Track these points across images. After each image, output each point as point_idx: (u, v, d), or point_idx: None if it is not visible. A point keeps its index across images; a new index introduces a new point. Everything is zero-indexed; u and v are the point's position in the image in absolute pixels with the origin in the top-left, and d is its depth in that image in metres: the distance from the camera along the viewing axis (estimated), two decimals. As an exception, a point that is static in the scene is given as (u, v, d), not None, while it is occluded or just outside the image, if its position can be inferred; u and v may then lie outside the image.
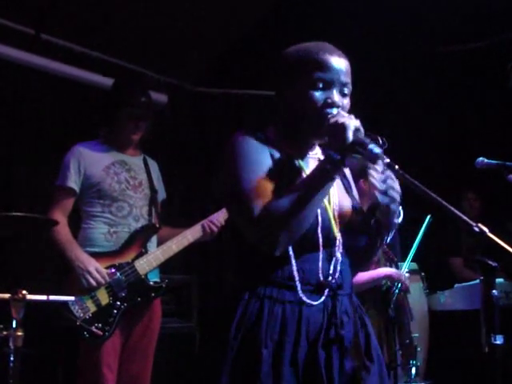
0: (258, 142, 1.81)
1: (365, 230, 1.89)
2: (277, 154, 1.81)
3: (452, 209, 2.22)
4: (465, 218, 2.17)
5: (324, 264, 1.79)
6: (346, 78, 1.81)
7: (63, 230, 3.19)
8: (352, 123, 1.66)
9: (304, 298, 1.74)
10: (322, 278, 1.78)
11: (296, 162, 1.85)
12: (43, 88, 4.38)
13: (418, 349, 3.71)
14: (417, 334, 3.78)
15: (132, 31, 4.50)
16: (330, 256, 1.81)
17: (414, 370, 3.57)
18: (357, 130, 1.65)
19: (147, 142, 3.52)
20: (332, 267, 1.80)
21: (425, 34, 4.72)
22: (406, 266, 3.79)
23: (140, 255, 3.25)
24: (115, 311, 3.11)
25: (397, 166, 1.63)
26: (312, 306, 1.75)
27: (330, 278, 1.78)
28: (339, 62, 1.80)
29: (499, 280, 4.11)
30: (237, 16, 4.62)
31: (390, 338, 3.32)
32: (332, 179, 1.69)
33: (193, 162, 5.24)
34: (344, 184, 1.97)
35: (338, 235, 1.84)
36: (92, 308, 3.08)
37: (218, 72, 5.27)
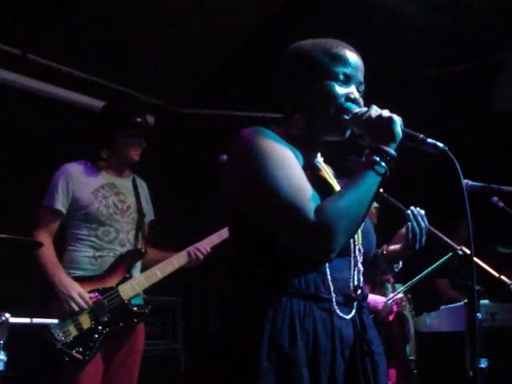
0: (275, 136, 1.67)
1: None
2: (295, 151, 1.67)
3: (436, 232, 2.24)
4: (449, 241, 2.19)
5: (352, 273, 1.70)
6: (362, 76, 1.76)
7: (48, 252, 3.17)
8: (397, 118, 1.61)
9: (337, 311, 1.63)
10: (352, 288, 1.68)
11: (314, 162, 1.77)
12: (29, 108, 4.37)
13: (415, 371, 3.68)
14: (413, 357, 3.75)
15: (119, 53, 4.52)
16: (354, 265, 1.71)
17: None
18: (400, 126, 1.61)
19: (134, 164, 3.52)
20: (356, 277, 1.71)
21: (409, 58, 4.77)
22: (402, 290, 3.77)
23: (124, 280, 3.23)
24: (96, 336, 3.08)
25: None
26: (343, 319, 1.64)
27: (357, 288, 1.69)
28: (357, 59, 1.75)
29: (485, 302, 4.13)
30: (223, 38, 4.65)
31: None
32: (380, 172, 1.58)
33: (179, 184, 5.24)
34: None
35: (361, 242, 1.73)
36: (73, 332, 3.05)
37: (204, 94, 5.29)
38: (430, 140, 1.61)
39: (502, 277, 1.99)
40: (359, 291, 1.69)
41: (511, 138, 5.34)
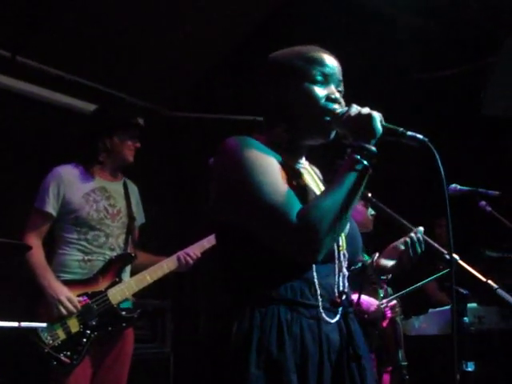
0: (258, 143, 1.69)
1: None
2: (278, 157, 1.70)
3: (424, 236, 2.25)
4: (436, 245, 2.20)
5: (337, 279, 1.72)
6: (341, 76, 1.79)
7: (38, 255, 3.16)
8: (377, 114, 1.62)
9: (324, 315, 1.65)
10: (337, 294, 1.70)
11: (296, 167, 1.78)
12: (18, 111, 4.35)
13: (407, 377, 3.69)
14: (405, 363, 3.76)
15: (109, 56, 4.51)
16: (339, 270, 1.73)
17: None
18: (381, 121, 1.62)
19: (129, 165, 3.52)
20: (341, 282, 1.73)
21: (399, 62, 4.79)
22: (396, 296, 3.77)
23: (113, 284, 3.23)
24: (85, 340, 3.07)
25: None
26: (329, 324, 1.66)
27: (343, 293, 1.71)
28: (333, 60, 1.78)
29: (472, 305, 4.14)
30: (213, 42, 4.66)
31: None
32: (362, 170, 1.59)
33: (169, 187, 5.24)
34: None
35: (345, 247, 1.75)
36: (61, 336, 3.05)
37: (194, 97, 5.29)
38: (409, 132, 1.62)
39: (489, 281, 2.00)
40: (344, 296, 1.71)
41: (500, 142, 5.38)
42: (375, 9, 4.50)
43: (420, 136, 1.60)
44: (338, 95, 1.73)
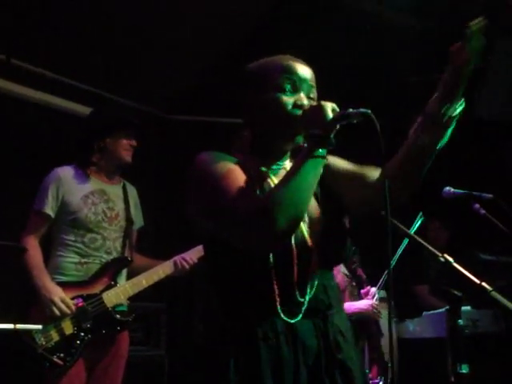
0: (223, 154, 1.80)
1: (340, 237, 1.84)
2: (243, 165, 1.77)
3: (418, 238, 2.26)
4: (431, 248, 2.21)
5: (300, 280, 1.71)
6: (312, 82, 1.83)
7: (35, 255, 3.16)
8: (328, 104, 1.66)
9: (282, 315, 1.68)
10: (298, 296, 1.71)
11: (264, 170, 1.82)
12: (12, 113, 4.35)
13: (389, 364, 3.73)
14: (385, 352, 3.82)
15: (104, 58, 4.51)
16: (306, 271, 1.73)
17: None
18: (334, 110, 1.65)
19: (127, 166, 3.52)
20: (309, 282, 1.73)
21: (393, 64, 4.80)
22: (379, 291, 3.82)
23: (109, 287, 3.22)
24: (78, 342, 3.07)
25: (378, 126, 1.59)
26: (298, 325, 1.68)
27: (309, 295, 1.72)
28: (304, 68, 1.83)
29: (466, 308, 4.16)
30: (208, 45, 4.66)
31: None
32: (318, 157, 1.64)
33: (163, 190, 5.23)
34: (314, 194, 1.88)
35: (313, 247, 1.75)
36: (55, 337, 3.04)
37: (190, 100, 5.29)
38: (351, 109, 1.63)
39: (483, 283, 2.01)
40: (319, 296, 1.73)
41: (494, 145, 5.40)
42: (372, 11, 4.52)
43: (362, 109, 1.62)
44: (305, 102, 1.77)
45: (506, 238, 3.89)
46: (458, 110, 1.70)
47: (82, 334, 3.09)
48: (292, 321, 1.68)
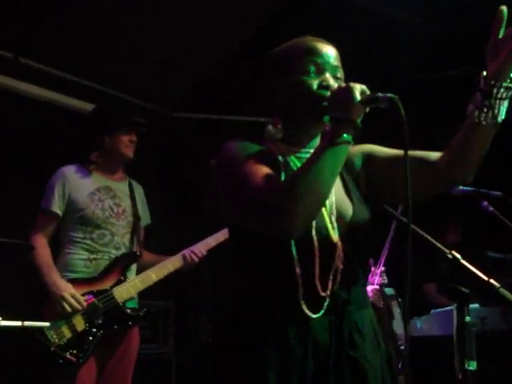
0: (248, 142, 1.76)
1: (368, 238, 1.78)
2: (269, 152, 1.75)
3: (426, 235, 2.25)
4: (439, 245, 2.21)
5: (323, 274, 1.67)
6: (337, 62, 1.77)
7: (44, 254, 3.19)
8: (357, 85, 1.60)
9: (306, 311, 1.64)
10: (320, 289, 1.66)
11: (289, 160, 1.77)
12: (21, 112, 4.37)
13: (402, 347, 3.75)
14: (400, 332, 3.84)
15: (111, 56, 4.52)
16: (329, 265, 1.68)
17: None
18: (363, 92, 1.59)
19: (127, 167, 3.53)
20: (331, 277, 1.68)
21: (394, 62, 4.80)
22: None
23: (119, 283, 3.23)
24: (91, 338, 3.08)
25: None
26: (312, 319, 1.64)
27: (331, 289, 1.67)
28: (327, 48, 1.78)
29: (474, 306, 4.15)
30: (215, 43, 4.67)
31: None
32: (343, 142, 1.56)
33: (172, 187, 5.25)
34: (345, 185, 1.83)
35: (338, 241, 1.70)
36: (67, 334, 3.05)
37: (196, 98, 5.30)
38: (380, 94, 1.58)
39: (491, 280, 2.00)
40: (333, 291, 1.68)
41: (502, 142, 5.38)
42: (375, 9, 4.51)
43: (390, 94, 1.57)
44: (331, 82, 1.71)
45: (514, 236, 3.88)
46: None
47: (94, 329, 3.10)
48: (314, 316, 1.64)
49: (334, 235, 1.70)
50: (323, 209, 1.70)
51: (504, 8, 1.60)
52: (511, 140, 5.31)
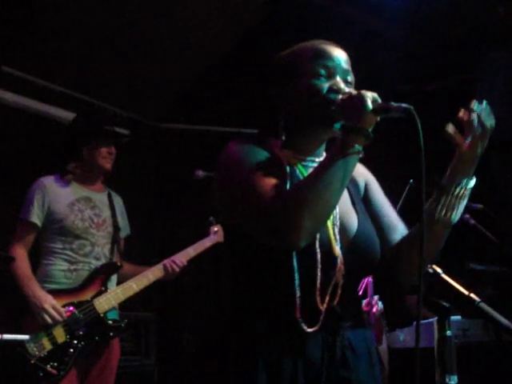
0: (255, 146, 1.68)
1: (373, 249, 1.69)
2: (275, 159, 1.67)
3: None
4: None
5: (322, 287, 1.60)
6: (348, 66, 1.72)
7: (23, 265, 3.16)
8: (369, 93, 1.53)
9: (301, 325, 1.57)
10: (319, 302, 1.59)
11: (295, 168, 1.71)
12: (3, 121, 4.34)
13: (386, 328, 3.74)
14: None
15: (96, 67, 4.52)
16: (329, 279, 1.61)
17: None
18: (375, 100, 1.52)
19: (109, 177, 3.52)
20: (330, 291, 1.61)
21: (383, 73, 4.83)
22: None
23: (99, 293, 3.21)
24: (71, 350, 3.06)
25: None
26: (306, 334, 1.57)
27: (328, 303, 1.60)
28: (338, 51, 1.72)
29: (456, 318, 4.16)
30: (199, 54, 4.68)
31: None
32: (353, 153, 1.51)
33: (154, 198, 5.24)
34: (350, 197, 1.78)
35: (340, 254, 1.63)
36: (48, 346, 3.02)
37: (180, 108, 5.30)
38: (394, 103, 1.53)
39: (472, 294, 2.01)
40: (330, 306, 1.61)
41: (484, 156, 5.41)
42: (362, 21, 4.55)
43: (405, 104, 1.52)
44: (341, 86, 1.65)
45: (495, 248, 3.90)
46: (471, 184, 1.65)
47: (75, 341, 3.08)
48: (309, 330, 1.57)
49: (336, 247, 1.64)
50: (328, 221, 1.64)
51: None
52: (490, 154, 5.37)
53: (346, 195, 1.74)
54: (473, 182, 1.66)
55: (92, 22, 4.19)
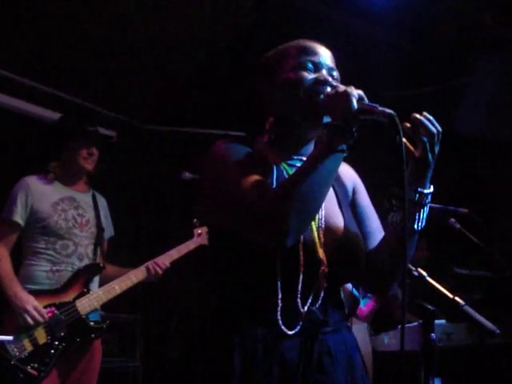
0: (242, 145, 1.68)
1: (359, 252, 1.67)
2: (262, 158, 1.67)
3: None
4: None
5: (304, 290, 1.58)
6: (332, 64, 1.72)
7: (5, 265, 3.13)
8: (355, 91, 1.52)
9: (282, 327, 1.55)
10: (300, 306, 1.57)
11: (281, 167, 1.69)
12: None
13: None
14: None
15: (83, 67, 4.50)
16: (311, 281, 1.59)
17: None
18: (361, 99, 1.52)
19: (94, 179, 3.50)
20: (312, 295, 1.59)
21: (373, 79, 4.84)
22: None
23: (82, 295, 3.19)
24: (52, 351, 3.03)
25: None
26: (286, 337, 1.55)
27: (309, 307, 1.58)
28: (322, 48, 1.73)
29: (441, 321, 4.17)
30: (185, 56, 4.67)
31: None
32: (337, 151, 1.50)
33: (139, 199, 5.22)
34: (337, 199, 1.76)
35: (323, 257, 1.60)
36: (28, 347, 3.00)
37: (165, 110, 5.29)
38: (379, 107, 1.52)
39: (456, 298, 2.02)
40: (312, 310, 1.59)
41: (470, 160, 5.46)
42: (351, 27, 4.55)
43: (388, 110, 1.51)
44: (328, 78, 1.65)
45: (480, 252, 3.92)
46: (429, 190, 1.64)
47: (56, 342, 3.05)
48: (289, 332, 1.55)
49: (320, 250, 1.61)
50: (312, 222, 1.61)
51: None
52: (476, 158, 5.41)
53: (332, 197, 1.73)
54: (431, 188, 1.65)
55: (78, 23, 4.18)
